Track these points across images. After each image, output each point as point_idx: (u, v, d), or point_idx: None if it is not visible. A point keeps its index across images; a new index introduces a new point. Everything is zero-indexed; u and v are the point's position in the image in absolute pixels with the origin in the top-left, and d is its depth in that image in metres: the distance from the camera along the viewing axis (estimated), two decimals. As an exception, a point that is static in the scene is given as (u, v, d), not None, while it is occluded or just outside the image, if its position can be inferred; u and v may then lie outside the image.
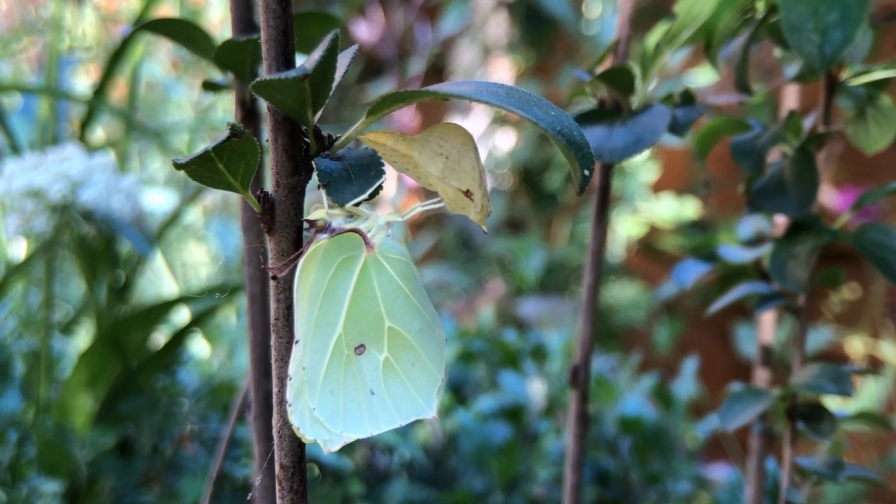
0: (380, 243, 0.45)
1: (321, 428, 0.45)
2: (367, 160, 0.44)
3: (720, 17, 0.68)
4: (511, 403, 1.22)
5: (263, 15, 0.43)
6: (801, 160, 0.71)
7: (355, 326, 0.45)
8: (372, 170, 0.44)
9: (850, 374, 0.69)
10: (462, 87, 0.42)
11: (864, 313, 1.98)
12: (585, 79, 0.70)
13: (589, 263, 0.73)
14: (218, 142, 0.42)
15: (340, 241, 0.45)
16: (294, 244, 0.45)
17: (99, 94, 1.24)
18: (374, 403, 0.45)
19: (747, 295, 0.78)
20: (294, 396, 0.44)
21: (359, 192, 0.43)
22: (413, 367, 0.45)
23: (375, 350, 0.45)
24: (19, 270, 1.15)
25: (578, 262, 2.24)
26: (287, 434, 0.46)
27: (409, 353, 0.45)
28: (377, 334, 0.45)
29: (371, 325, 0.45)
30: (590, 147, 0.41)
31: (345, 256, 0.45)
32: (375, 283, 0.45)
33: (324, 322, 0.44)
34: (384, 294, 0.45)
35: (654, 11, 1.68)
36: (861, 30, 0.59)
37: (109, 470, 1.08)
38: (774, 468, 1.01)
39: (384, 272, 0.45)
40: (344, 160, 0.44)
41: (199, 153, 0.42)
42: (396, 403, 0.45)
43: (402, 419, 0.45)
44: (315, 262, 0.44)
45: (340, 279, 0.45)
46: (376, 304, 0.45)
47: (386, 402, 0.45)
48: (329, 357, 0.45)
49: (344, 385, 0.45)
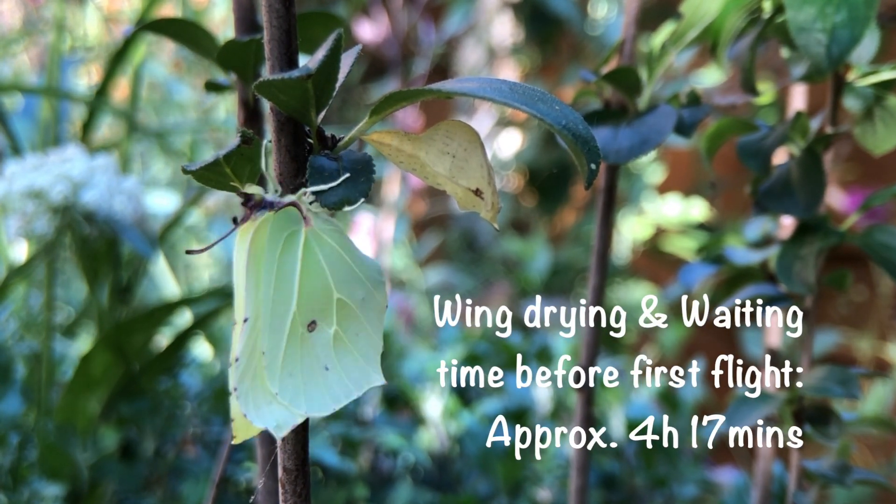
0: (313, 216, 0.44)
1: (270, 410, 0.43)
2: (361, 165, 0.43)
3: (726, 17, 0.68)
4: (516, 407, 1.21)
5: (266, 15, 0.42)
6: (808, 161, 0.70)
7: (307, 303, 0.44)
8: (362, 176, 0.43)
9: (857, 376, 0.69)
10: (466, 85, 0.42)
11: (872, 315, 1.97)
12: (591, 79, 0.70)
13: (594, 265, 0.72)
14: (229, 149, 0.42)
15: (283, 217, 0.44)
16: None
17: (101, 94, 1.24)
18: (331, 378, 0.44)
19: (754, 297, 0.77)
20: (238, 380, 0.43)
21: (346, 198, 0.42)
22: (358, 337, 0.45)
23: (325, 325, 0.44)
24: (20, 272, 1.14)
25: (584, 264, 2.24)
26: (290, 437, 0.46)
27: (355, 323, 0.44)
28: (327, 308, 0.44)
29: (321, 299, 0.44)
30: (595, 141, 0.41)
31: (288, 232, 0.44)
32: (320, 255, 0.44)
33: (280, 301, 0.44)
34: (330, 266, 0.44)
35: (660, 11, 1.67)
36: (868, 30, 0.59)
37: (111, 473, 1.07)
38: (781, 471, 1.00)
39: (325, 244, 0.44)
40: (340, 161, 0.43)
41: (210, 161, 0.42)
42: (350, 375, 0.44)
43: (357, 391, 0.44)
44: (263, 241, 0.44)
45: (288, 256, 0.44)
46: (325, 278, 0.44)
47: (341, 375, 0.44)
48: (286, 337, 0.44)
49: (302, 364, 0.44)
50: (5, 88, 1.44)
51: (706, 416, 0.72)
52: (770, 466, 0.85)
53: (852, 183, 1.92)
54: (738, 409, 0.72)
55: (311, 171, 0.42)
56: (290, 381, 0.44)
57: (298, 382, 0.44)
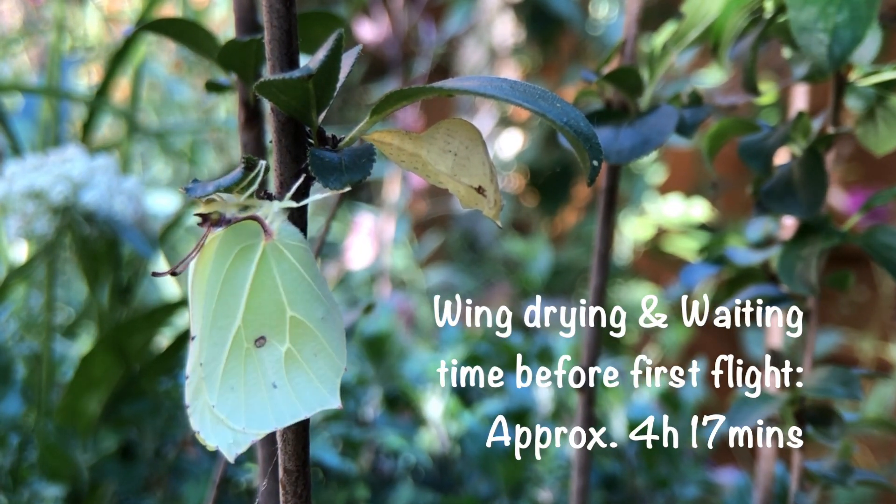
0: (278, 229, 0.43)
1: (223, 431, 0.43)
2: (360, 151, 0.43)
3: (728, 17, 0.68)
4: (517, 407, 1.21)
5: (267, 15, 0.42)
6: (810, 161, 0.70)
7: (255, 318, 0.43)
8: (363, 157, 0.43)
9: (858, 377, 0.69)
10: (466, 83, 0.42)
11: (874, 316, 1.97)
12: (592, 79, 0.69)
13: (595, 265, 0.72)
14: (234, 178, 0.42)
15: (237, 230, 0.43)
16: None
17: (101, 94, 1.24)
18: (277, 396, 0.43)
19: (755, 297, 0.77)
20: (192, 397, 0.43)
21: (349, 179, 0.42)
22: (316, 357, 0.43)
23: (277, 341, 0.43)
24: (20, 273, 1.14)
25: (585, 265, 2.23)
26: (291, 438, 0.45)
27: (313, 342, 0.43)
28: (279, 325, 0.43)
29: (272, 315, 0.43)
30: (597, 137, 0.41)
31: (242, 246, 0.43)
32: (276, 271, 0.43)
33: (222, 314, 0.43)
34: (285, 282, 0.43)
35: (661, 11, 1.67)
36: (870, 30, 0.59)
37: (111, 474, 1.07)
38: (783, 472, 1.00)
39: (284, 259, 0.43)
40: (340, 153, 0.43)
41: (211, 191, 0.42)
42: (300, 395, 0.43)
43: (306, 411, 0.43)
44: (210, 254, 0.43)
45: (238, 269, 0.43)
46: (277, 294, 0.43)
47: (289, 395, 0.43)
48: (228, 351, 0.43)
49: (245, 379, 0.43)
50: (5, 88, 1.44)
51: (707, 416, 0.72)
52: (772, 467, 0.85)
53: (854, 183, 1.91)
54: (740, 410, 0.72)
55: (311, 159, 0.42)
56: (231, 395, 0.43)
57: (239, 397, 0.43)
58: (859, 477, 0.71)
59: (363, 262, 2.10)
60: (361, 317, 0.81)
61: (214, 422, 0.43)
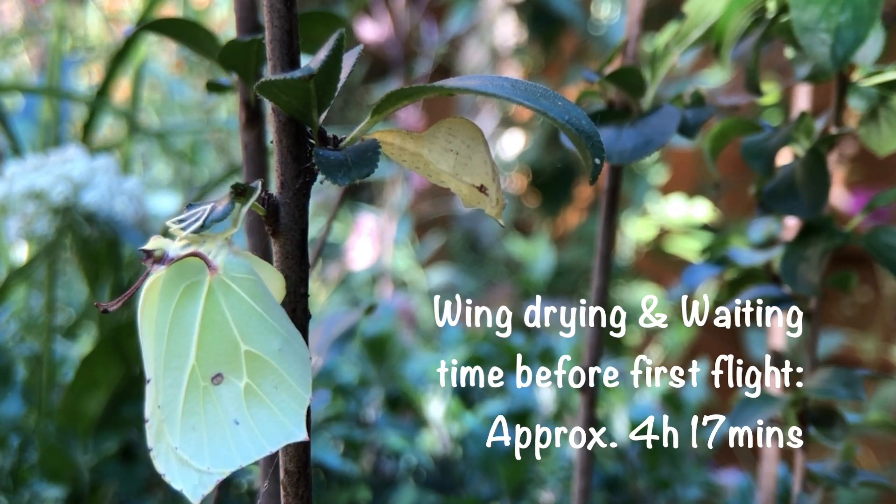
0: (223, 263, 0.42)
1: (188, 472, 0.42)
2: (365, 147, 0.43)
3: (730, 17, 0.67)
4: (519, 408, 1.21)
5: (268, 15, 0.42)
6: (813, 162, 0.70)
7: (209, 355, 0.42)
8: (369, 152, 0.42)
9: (861, 378, 0.69)
10: (468, 82, 0.42)
11: (877, 317, 1.97)
12: (594, 79, 0.69)
13: (598, 266, 0.72)
14: (223, 211, 0.42)
15: (180, 268, 0.42)
16: (299, 247, 0.44)
17: (102, 94, 1.24)
18: (240, 433, 0.42)
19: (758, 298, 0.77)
20: (155, 440, 0.43)
21: (356, 174, 0.41)
22: (277, 390, 0.42)
23: (234, 377, 0.42)
24: (21, 274, 1.14)
25: (587, 265, 2.23)
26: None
27: (272, 375, 0.42)
28: (234, 361, 0.42)
29: (226, 351, 0.42)
30: (599, 135, 0.41)
31: (187, 283, 0.42)
32: (224, 306, 0.42)
33: (174, 355, 0.42)
34: (235, 317, 0.42)
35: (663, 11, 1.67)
36: (873, 30, 0.59)
37: (112, 475, 1.07)
38: (785, 473, 1.00)
39: (232, 293, 0.42)
40: (345, 150, 0.43)
41: (200, 226, 0.42)
42: (263, 430, 0.42)
43: (271, 446, 0.42)
44: (155, 294, 0.42)
45: (186, 307, 0.42)
46: (228, 329, 0.42)
47: (252, 430, 0.42)
48: (185, 391, 0.42)
49: (205, 419, 0.42)
50: (6, 88, 1.44)
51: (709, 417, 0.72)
52: (774, 468, 0.85)
53: (857, 183, 1.91)
54: (742, 411, 0.72)
55: (317, 158, 0.42)
56: (193, 436, 0.42)
57: (202, 436, 0.42)
58: (862, 478, 0.71)
59: (365, 263, 2.10)
60: (363, 318, 0.81)
61: (179, 463, 0.42)
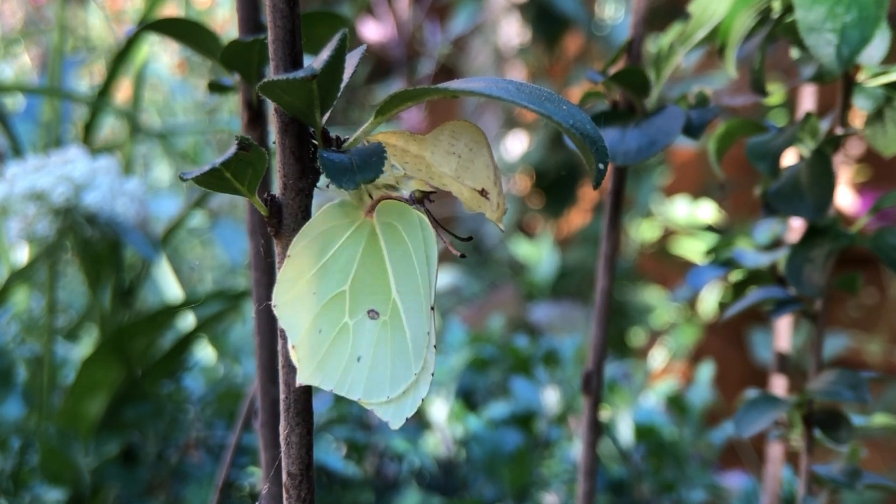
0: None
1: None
2: (370, 150, 0.43)
3: (735, 17, 0.67)
4: (523, 410, 1.21)
5: (270, 15, 0.42)
6: (818, 162, 0.70)
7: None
8: (374, 156, 0.42)
9: (867, 380, 0.68)
10: (472, 84, 0.42)
11: (882, 318, 1.97)
12: (598, 80, 0.69)
13: (602, 267, 0.72)
14: (225, 157, 0.41)
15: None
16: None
17: (103, 95, 1.23)
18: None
19: (763, 300, 0.77)
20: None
21: (361, 178, 0.41)
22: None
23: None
24: (22, 275, 1.14)
25: (591, 267, 2.23)
26: (294, 441, 0.45)
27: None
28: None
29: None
30: (603, 140, 0.41)
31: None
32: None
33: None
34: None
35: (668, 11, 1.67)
36: (878, 30, 0.58)
37: (114, 478, 1.07)
38: (791, 476, 1.00)
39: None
40: (350, 153, 0.43)
41: (207, 169, 0.42)
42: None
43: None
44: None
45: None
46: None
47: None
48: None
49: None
50: (7, 89, 1.44)
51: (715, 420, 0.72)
52: (779, 471, 0.85)
53: (863, 184, 1.91)
54: (747, 413, 0.72)
55: (321, 161, 0.42)
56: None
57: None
58: (867, 481, 0.71)
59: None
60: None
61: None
